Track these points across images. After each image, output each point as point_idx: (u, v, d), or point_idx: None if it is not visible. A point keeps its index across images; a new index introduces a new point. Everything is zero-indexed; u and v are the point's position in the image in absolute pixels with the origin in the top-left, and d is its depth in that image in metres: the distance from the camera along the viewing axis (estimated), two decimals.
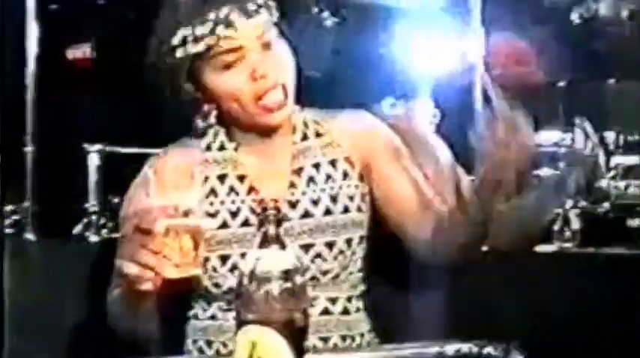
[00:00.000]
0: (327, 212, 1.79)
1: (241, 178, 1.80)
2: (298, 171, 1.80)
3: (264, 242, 1.26)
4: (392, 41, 3.51)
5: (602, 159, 4.25)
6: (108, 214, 3.64)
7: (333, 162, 1.82)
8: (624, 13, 4.10)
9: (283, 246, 1.26)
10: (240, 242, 1.77)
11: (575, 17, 4.03)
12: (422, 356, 1.48)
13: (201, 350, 1.82)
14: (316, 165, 1.81)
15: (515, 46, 3.97)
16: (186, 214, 1.43)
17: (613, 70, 4.13)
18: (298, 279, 1.25)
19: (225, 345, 1.80)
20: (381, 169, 1.83)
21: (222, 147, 1.83)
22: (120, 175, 3.67)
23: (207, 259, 1.74)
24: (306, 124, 1.86)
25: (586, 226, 3.55)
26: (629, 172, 4.39)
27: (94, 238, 3.47)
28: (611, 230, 3.69)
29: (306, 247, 1.76)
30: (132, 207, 1.79)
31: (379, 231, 1.86)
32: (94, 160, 3.63)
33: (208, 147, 1.84)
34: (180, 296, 1.79)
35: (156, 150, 3.82)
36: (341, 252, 1.79)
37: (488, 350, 1.43)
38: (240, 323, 1.23)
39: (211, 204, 1.80)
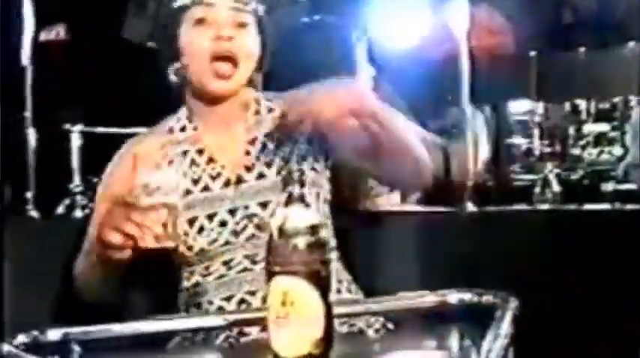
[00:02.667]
0: (280, 172, 1.90)
1: (200, 152, 1.94)
2: (252, 141, 1.94)
3: (290, 200, 1.32)
4: (370, 14, 3.56)
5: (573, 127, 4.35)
6: (90, 194, 3.66)
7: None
8: None
9: (307, 204, 1.32)
10: (203, 205, 1.89)
11: None
12: (426, 306, 1.54)
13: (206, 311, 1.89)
14: (268, 134, 1.94)
15: (486, 17, 4.02)
16: (166, 193, 1.61)
17: (584, 39, 4.21)
18: (321, 234, 1.31)
19: (211, 303, 1.87)
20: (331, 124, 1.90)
21: (183, 129, 1.97)
22: (102, 155, 3.73)
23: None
24: (258, 102, 1.99)
25: (563, 191, 3.62)
26: (600, 139, 4.50)
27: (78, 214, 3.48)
28: (586, 195, 3.78)
29: (264, 204, 1.88)
30: (109, 186, 1.96)
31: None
32: (75, 140, 3.64)
33: (171, 130, 1.98)
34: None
35: (136, 129, 3.85)
36: None
37: (487, 297, 1.50)
38: (271, 275, 1.29)
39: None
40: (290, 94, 1.98)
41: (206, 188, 1.90)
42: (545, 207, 2.96)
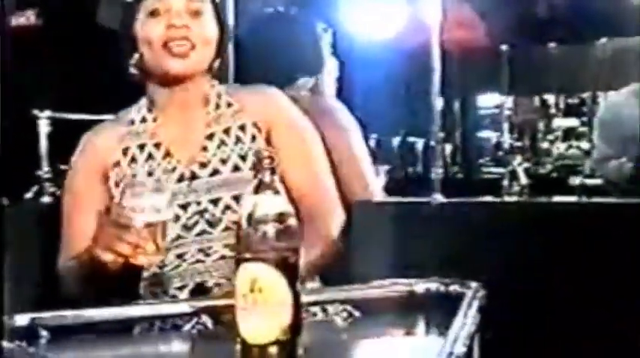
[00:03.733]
0: (236, 168, 1.92)
1: (157, 146, 1.95)
2: (210, 137, 1.94)
3: (260, 188, 1.32)
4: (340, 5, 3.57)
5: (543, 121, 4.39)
6: (59, 181, 3.64)
7: (242, 127, 1.95)
8: None
9: (277, 192, 1.32)
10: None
11: None
12: (393, 295, 1.55)
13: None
14: (226, 130, 1.94)
15: (458, 11, 4.04)
16: (158, 211, 1.64)
17: (555, 34, 4.24)
18: (291, 221, 1.31)
19: (165, 292, 1.88)
20: (278, 142, 1.94)
21: (143, 120, 1.97)
22: (71, 142, 3.71)
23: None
24: (219, 96, 1.99)
25: (532, 184, 3.65)
26: (569, 134, 4.54)
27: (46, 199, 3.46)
28: (555, 188, 3.81)
29: (215, 201, 1.89)
30: (73, 180, 1.99)
31: None
32: (44, 127, 3.62)
33: (132, 122, 1.98)
34: None
35: (106, 116, 3.83)
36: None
37: (454, 287, 1.51)
38: (240, 261, 1.29)
39: (132, 169, 1.94)
40: (248, 91, 2.00)
41: (159, 181, 1.87)
42: (513, 199, 2.99)
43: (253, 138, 1.93)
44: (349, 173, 2.21)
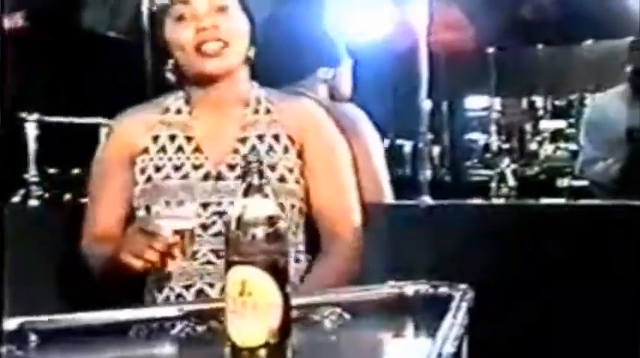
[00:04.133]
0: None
1: (189, 139, 1.94)
2: (243, 140, 1.94)
3: (249, 191, 1.32)
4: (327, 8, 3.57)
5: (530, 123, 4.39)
6: (46, 184, 3.63)
7: (276, 137, 1.95)
8: None
9: (266, 195, 1.32)
10: (180, 193, 1.90)
11: None
12: (383, 297, 1.56)
13: (153, 300, 1.90)
14: (260, 137, 1.94)
15: (445, 13, 4.05)
16: (187, 219, 1.72)
17: (542, 36, 4.25)
18: (280, 225, 1.31)
19: (172, 289, 1.88)
20: (310, 158, 1.95)
21: (178, 111, 1.97)
22: (58, 145, 3.70)
23: (148, 208, 1.89)
24: (258, 101, 1.98)
25: (520, 186, 3.67)
26: (557, 136, 4.55)
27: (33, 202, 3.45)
28: (542, 190, 3.83)
29: None
30: (102, 164, 2.00)
31: None
32: (32, 130, 3.60)
33: (166, 110, 1.97)
34: None
35: (94, 119, 3.82)
36: None
37: (443, 289, 1.52)
38: (229, 265, 1.29)
39: (160, 158, 1.93)
40: (288, 101, 2.01)
41: (185, 176, 1.90)
42: (501, 201, 2.99)
43: (286, 149, 1.93)
44: (366, 181, 2.21)
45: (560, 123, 4.48)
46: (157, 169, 1.92)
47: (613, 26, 4.17)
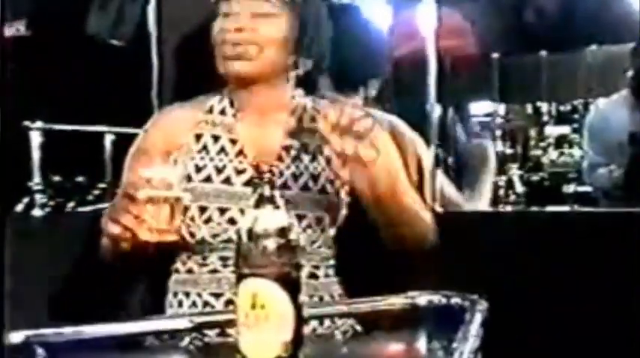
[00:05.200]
0: (305, 187, 1.88)
1: (233, 141, 1.92)
2: (287, 148, 1.91)
3: (260, 202, 1.31)
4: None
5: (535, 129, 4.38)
6: (50, 192, 3.62)
7: (319, 147, 1.92)
8: None
9: (277, 206, 1.31)
10: (219, 197, 1.87)
11: None
12: (394, 308, 1.54)
13: (180, 303, 1.87)
14: (304, 146, 1.92)
15: (449, 18, 4.03)
16: (168, 187, 1.59)
17: (545, 42, 4.23)
18: (292, 236, 1.30)
19: (199, 295, 1.86)
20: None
21: (223, 112, 1.95)
22: (61, 153, 3.69)
23: (186, 208, 1.83)
24: (304, 109, 1.96)
25: (526, 192, 3.66)
26: (561, 141, 4.54)
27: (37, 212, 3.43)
28: (548, 196, 3.81)
29: None
30: (141, 150, 1.96)
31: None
32: (36, 138, 3.59)
33: (210, 110, 1.95)
34: (166, 253, 1.85)
35: (98, 127, 3.81)
36: (309, 226, 1.86)
37: (456, 300, 1.51)
38: (240, 277, 1.28)
39: (202, 158, 1.91)
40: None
41: (227, 180, 1.88)
42: (509, 208, 2.98)
43: (328, 161, 1.88)
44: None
45: (565, 129, 4.47)
46: (198, 169, 1.90)
47: (616, 31, 4.16)
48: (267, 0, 1.88)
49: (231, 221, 1.83)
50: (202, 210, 1.85)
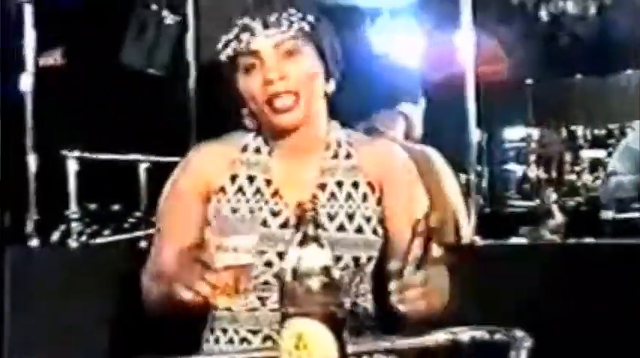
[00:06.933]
0: (341, 228, 1.85)
1: (268, 182, 1.86)
2: (322, 186, 1.85)
3: (304, 241, 1.30)
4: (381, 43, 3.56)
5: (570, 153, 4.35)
6: (87, 220, 3.64)
7: (355, 184, 1.87)
8: (592, 9, 4.19)
9: (321, 245, 1.30)
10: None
11: (543, 14, 4.11)
12: (437, 344, 1.52)
13: (217, 340, 1.86)
14: (339, 183, 1.87)
15: (483, 45, 4.03)
16: (242, 253, 1.55)
17: (579, 66, 4.21)
18: (336, 275, 1.29)
19: (237, 332, 1.83)
20: (390, 203, 1.85)
21: (257, 150, 1.91)
22: (97, 182, 3.71)
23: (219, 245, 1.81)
24: (339, 144, 1.91)
25: (567, 222, 3.61)
26: (596, 165, 4.50)
27: (73, 244, 3.45)
28: (586, 222, 3.77)
29: None
30: (170, 202, 1.90)
31: None
32: (72, 166, 3.62)
33: (244, 148, 1.91)
34: None
35: (134, 156, 3.83)
36: (347, 267, 1.84)
37: (500, 335, 1.48)
38: (285, 316, 1.27)
39: (237, 201, 1.86)
40: (368, 145, 1.92)
41: (264, 223, 1.82)
42: (553, 237, 2.95)
43: (364, 197, 1.85)
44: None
45: (600, 153, 4.44)
46: (234, 211, 1.84)
47: None
48: (288, 37, 1.80)
49: (268, 264, 1.78)
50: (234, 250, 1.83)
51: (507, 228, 3.34)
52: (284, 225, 1.80)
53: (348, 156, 1.89)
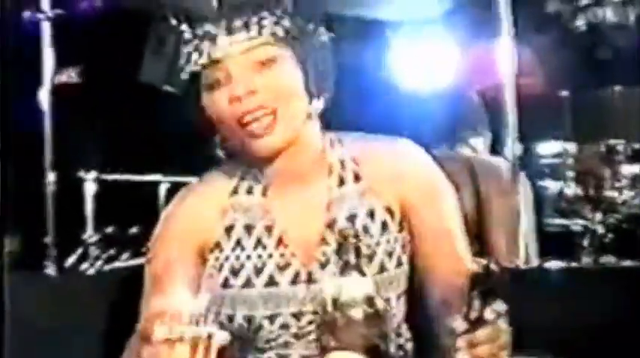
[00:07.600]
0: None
1: (269, 229, 1.61)
2: (331, 224, 1.59)
3: (345, 269, 1.21)
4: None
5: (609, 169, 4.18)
6: (103, 245, 3.52)
7: (371, 213, 1.60)
8: (631, 18, 4.05)
9: (363, 273, 1.17)
10: (266, 303, 1.58)
11: (580, 24, 3.96)
12: None
13: None
14: (351, 217, 1.59)
15: (518, 56, 3.91)
16: (192, 321, 1.20)
17: (618, 77, 4.07)
18: (379, 304, 1.16)
19: None
20: (418, 218, 1.62)
21: (249, 191, 1.64)
22: (115, 204, 3.60)
23: (231, 318, 1.59)
24: (343, 164, 1.64)
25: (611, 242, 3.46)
26: (637, 181, 4.32)
27: (90, 271, 3.32)
28: (627, 240, 3.61)
29: None
30: (161, 253, 1.63)
31: None
32: (90, 188, 3.51)
33: (235, 190, 1.65)
34: None
35: (150, 176, 3.71)
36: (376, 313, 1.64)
37: None
38: (324, 350, 1.13)
39: (237, 258, 1.61)
40: (378, 153, 1.65)
41: (272, 281, 1.58)
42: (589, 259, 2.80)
43: (384, 226, 1.59)
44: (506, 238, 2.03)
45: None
46: (234, 272, 1.60)
47: None
48: (262, 44, 1.53)
49: (284, 327, 1.56)
50: (249, 320, 1.59)
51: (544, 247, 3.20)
52: (294, 281, 1.56)
53: (357, 177, 1.62)
